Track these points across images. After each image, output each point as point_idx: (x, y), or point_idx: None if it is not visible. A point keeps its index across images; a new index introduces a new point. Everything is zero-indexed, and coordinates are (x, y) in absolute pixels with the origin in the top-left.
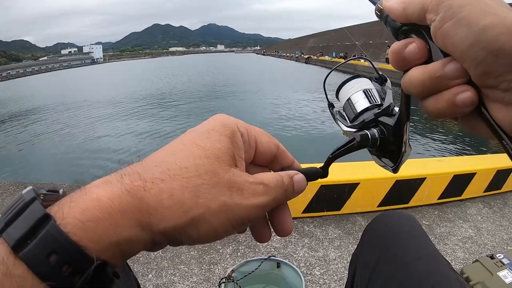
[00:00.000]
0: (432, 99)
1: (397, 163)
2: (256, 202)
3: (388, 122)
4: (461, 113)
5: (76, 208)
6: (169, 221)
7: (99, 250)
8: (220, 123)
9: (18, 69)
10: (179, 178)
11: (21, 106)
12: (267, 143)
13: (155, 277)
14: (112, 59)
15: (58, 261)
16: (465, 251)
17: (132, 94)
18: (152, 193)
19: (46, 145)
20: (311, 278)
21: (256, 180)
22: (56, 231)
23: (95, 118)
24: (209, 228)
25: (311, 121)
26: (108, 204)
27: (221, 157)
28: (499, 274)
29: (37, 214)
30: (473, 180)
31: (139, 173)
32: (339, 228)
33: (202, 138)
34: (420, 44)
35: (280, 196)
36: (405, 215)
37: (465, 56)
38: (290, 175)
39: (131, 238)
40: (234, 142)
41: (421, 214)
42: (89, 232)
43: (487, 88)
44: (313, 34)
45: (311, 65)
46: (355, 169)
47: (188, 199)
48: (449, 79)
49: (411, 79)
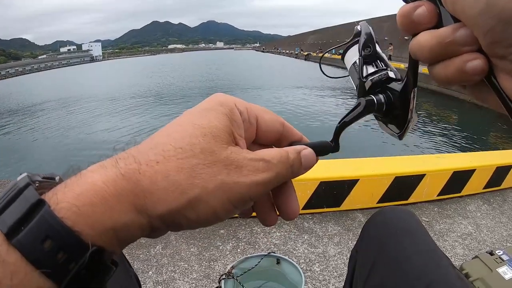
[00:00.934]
0: (441, 65)
1: (403, 130)
2: (256, 179)
3: (395, 88)
4: (470, 81)
5: (71, 193)
6: (165, 203)
7: (95, 236)
8: (217, 101)
9: (17, 67)
10: (174, 159)
11: (21, 104)
12: (271, 121)
13: (155, 274)
14: (111, 56)
15: (53, 248)
16: (464, 248)
17: (131, 90)
18: (147, 175)
19: (46, 142)
20: (311, 274)
21: (256, 156)
22: (50, 216)
23: (95, 114)
24: (208, 209)
25: (311, 115)
26: (103, 189)
27: (218, 135)
28: (499, 270)
29: (31, 200)
30: (472, 177)
31: (134, 156)
32: (338, 224)
33: (198, 117)
34: (430, 8)
35: (284, 172)
36: (404, 211)
37: (474, 23)
38: (297, 150)
39: (127, 223)
40: (232, 120)
41: (421, 211)
42: (84, 217)
43: (497, 58)
44: (312, 31)
45: (310, 62)
46: (354, 166)
47: (184, 180)
48: (459, 46)
49: (420, 44)
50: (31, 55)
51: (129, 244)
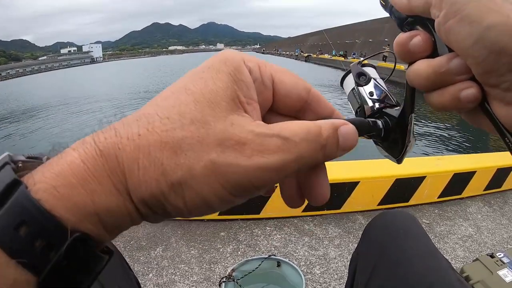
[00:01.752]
0: (437, 93)
1: (401, 154)
2: (262, 162)
3: (392, 114)
4: (465, 108)
5: (49, 173)
6: (146, 186)
7: (77, 222)
8: (221, 59)
9: (18, 68)
10: (158, 132)
11: (21, 105)
12: (292, 83)
13: (156, 276)
14: (112, 58)
15: (29, 234)
16: (465, 250)
17: (132, 92)
18: (127, 151)
19: (46, 143)
20: (311, 277)
21: (269, 131)
22: (25, 199)
23: (95, 115)
24: (195, 196)
25: None
26: (82, 168)
27: (215, 100)
28: (499, 273)
29: (5, 180)
30: (473, 179)
31: (115, 129)
32: (339, 226)
33: (194, 80)
34: (425, 37)
35: (311, 154)
36: (405, 214)
37: (467, 54)
38: (334, 125)
39: (111, 207)
40: (238, 80)
41: (421, 213)
42: (63, 200)
43: (489, 86)
44: (312, 32)
45: (311, 63)
46: (355, 168)
47: (167, 158)
48: (453, 75)
49: (416, 73)
50: (31, 56)
51: (121, 232)
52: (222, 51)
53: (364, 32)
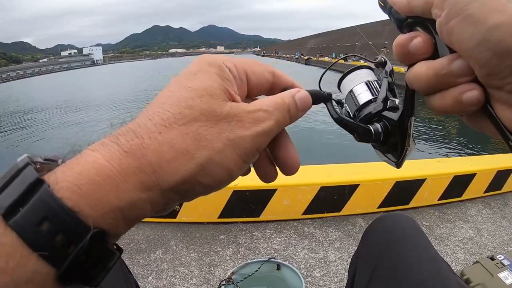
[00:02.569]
0: (438, 96)
1: (401, 158)
2: (259, 129)
3: (392, 117)
4: (467, 111)
5: (71, 172)
6: (176, 174)
7: (98, 217)
8: (205, 62)
9: (18, 70)
10: (176, 126)
11: (21, 107)
12: (260, 72)
13: (155, 279)
14: (112, 60)
15: (51, 229)
16: (465, 252)
17: (133, 93)
18: (152, 148)
19: (45, 144)
20: (311, 280)
21: (255, 107)
22: (48, 196)
23: (96, 117)
24: (221, 169)
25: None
26: (107, 167)
27: (214, 93)
28: (500, 275)
29: (29, 179)
30: (473, 181)
31: (133, 131)
32: (339, 229)
33: (190, 81)
34: (426, 38)
35: (283, 118)
36: (405, 217)
37: (470, 55)
38: (291, 93)
39: (135, 201)
40: (224, 79)
41: (421, 215)
42: (85, 197)
43: (492, 88)
44: (313, 35)
45: (311, 66)
46: (355, 170)
47: (191, 145)
48: (455, 77)
49: (417, 75)
50: (32, 58)
51: (136, 224)
52: (202, 55)
53: (364, 34)
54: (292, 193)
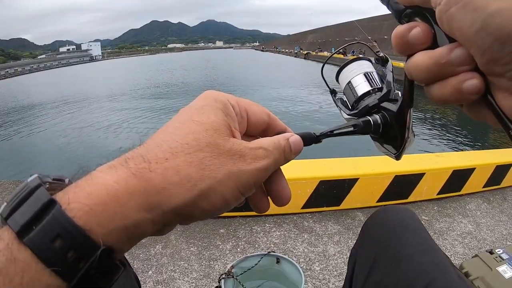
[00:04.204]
0: (438, 86)
1: (400, 150)
2: (258, 165)
3: (390, 108)
4: (467, 100)
5: (82, 193)
6: (179, 197)
7: (105, 234)
8: (211, 98)
9: (17, 67)
10: (182, 155)
11: (21, 104)
12: (258, 113)
13: (155, 274)
14: (111, 56)
15: (63, 247)
16: (464, 246)
17: (133, 89)
18: (158, 172)
19: (47, 143)
20: (311, 273)
21: (256, 145)
22: (61, 216)
23: (96, 115)
24: (219, 198)
25: (311, 114)
26: (115, 188)
27: (219, 128)
28: (499, 269)
29: (42, 200)
30: (472, 176)
31: (142, 156)
32: (338, 223)
33: (197, 114)
34: (425, 28)
35: (279, 157)
36: (404, 209)
37: (471, 42)
38: (285, 137)
39: (139, 220)
40: (227, 115)
41: (421, 209)
42: (95, 216)
43: (494, 76)
44: (312, 30)
45: (310, 61)
46: (354, 164)
47: (195, 172)
48: (455, 66)
49: (416, 65)
50: (30, 55)
51: (137, 242)
52: (209, 91)
53: (363, 29)
54: (292, 187)
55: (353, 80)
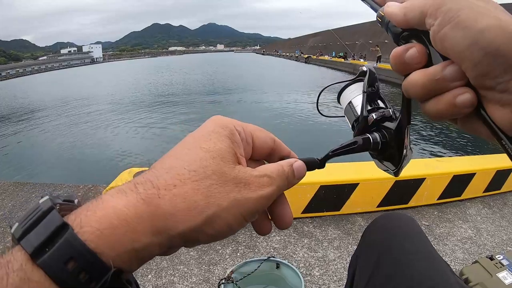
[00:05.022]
0: (433, 101)
1: (398, 167)
2: (263, 193)
3: (389, 126)
4: (461, 114)
5: (93, 217)
6: (185, 223)
7: (115, 256)
8: (218, 124)
9: (18, 68)
10: (190, 182)
11: (21, 105)
12: (263, 138)
13: (155, 278)
14: (112, 58)
15: (76, 268)
16: (464, 252)
17: (134, 92)
18: (167, 199)
19: (47, 144)
20: (311, 278)
21: (260, 173)
22: (74, 239)
23: (96, 117)
24: (224, 224)
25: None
26: (124, 212)
27: (225, 156)
28: (499, 275)
29: (56, 223)
30: (472, 180)
31: (151, 181)
32: (338, 228)
33: (204, 141)
34: (420, 49)
35: (282, 184)
36: (405, 217)
37: (463, 58)
38: (289, 163)
39: (147, 243)
40: (234, 142)
41: (421, 215)
42: (106, 239)
43: (485, 89)
44: (313, 34)
45: (311, 65)
46: (354, 169)
47: (201, 200)
48: (448, 81)
49: (412, 82)
50: (31, 56)
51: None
52: (216, 116)
53: (363, 33)
54: (292, 192)
55: (353, 101)
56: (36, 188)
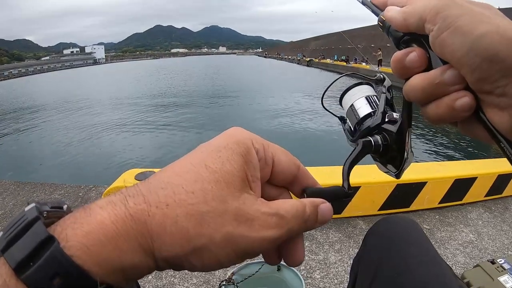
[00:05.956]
0: (432, 105)
1: (400, 169)
2: (265, 235)
3: (391, 129)
4: (460, 117)
5: (80, 231)
6: (171, 249)
7: (103, 274)
8: (234, 139)
9: (20, 68)
10: (185, 204)
11: (23, 105)
12: (286, 162)
13: (155, 279)
14: (114, 59)
15: (61, 285)
16: (465, 256)
17: (132, 95)
18: (156, 218)
19: (47, 144)
20: (312, 281)
21: (271, 209)
22: (60, 254)
23: (96, 118)
24: (213, 259)
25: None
26: (112, 228)
27: (231, 181)
28: (500, 279)
29: (40, 236)
30: (474, 185)
31: (143, 195)
32: (339, 231)
33: (212, 158)
34: (420, 53)
35: (297, 227)
36: (406, 220)
37: (462, 63)
38: (314, 204)
39: (135, 263)
40: (248, 161)
41: (422, 218)
42: (93, 256)
43: (483, 93)
44: (314, 37)
45: (313, 68)
46: (356, 173)
47: (192, 227)
48: (448, 85)
49: (412, 86)
50: (34, 56)
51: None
52: (234, 128)
53: (365, 37)
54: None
55: (355, 103)
56: (37, 188)
